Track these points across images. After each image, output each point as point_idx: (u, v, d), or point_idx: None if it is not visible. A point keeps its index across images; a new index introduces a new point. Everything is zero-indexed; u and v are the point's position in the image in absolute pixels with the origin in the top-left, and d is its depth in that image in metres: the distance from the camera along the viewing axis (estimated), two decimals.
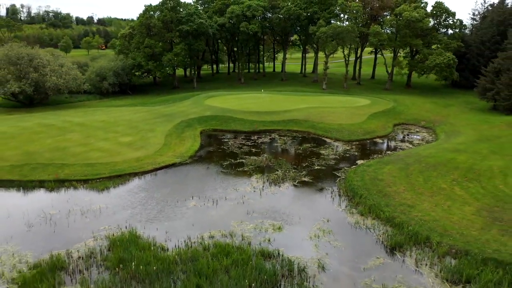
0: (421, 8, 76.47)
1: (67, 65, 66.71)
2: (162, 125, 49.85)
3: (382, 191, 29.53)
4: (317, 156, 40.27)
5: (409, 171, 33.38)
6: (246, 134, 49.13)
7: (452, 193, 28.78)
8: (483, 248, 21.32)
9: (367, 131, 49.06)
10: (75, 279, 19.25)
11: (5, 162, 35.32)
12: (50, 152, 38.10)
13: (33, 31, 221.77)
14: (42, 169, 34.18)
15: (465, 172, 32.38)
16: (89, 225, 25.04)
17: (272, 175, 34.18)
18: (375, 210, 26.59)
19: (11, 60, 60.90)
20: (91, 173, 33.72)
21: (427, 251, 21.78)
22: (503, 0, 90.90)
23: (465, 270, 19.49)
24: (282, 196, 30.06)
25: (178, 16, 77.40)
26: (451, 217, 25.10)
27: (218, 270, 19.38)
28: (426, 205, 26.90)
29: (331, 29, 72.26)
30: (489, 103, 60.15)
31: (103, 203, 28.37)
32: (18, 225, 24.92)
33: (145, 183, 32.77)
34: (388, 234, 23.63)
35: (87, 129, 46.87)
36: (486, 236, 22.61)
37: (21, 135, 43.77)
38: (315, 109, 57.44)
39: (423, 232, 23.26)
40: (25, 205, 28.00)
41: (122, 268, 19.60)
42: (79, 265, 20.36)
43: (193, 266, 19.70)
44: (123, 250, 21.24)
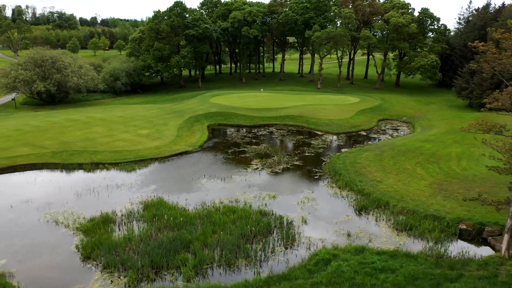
0: (408, 14, 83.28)
1: (85, 67, 73.76)
2: (173, 120, 56.77)
3: (358, 171, 36.45)
4: (308, 145, 47.23)
5: (382, 156, 40.31)
6: (248, 128, 56.08)
7: (413, 172, 35.71)
8: (427, 208, 28.22)
9: (354, 125, 55.99)
10: (122, 228, 26.19)
11: (46, 150, 42.31)
12: (82, 142, 45.08)
13: (40, 33, 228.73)
14: (78, 155, 41.19)
15: (428, 157, 39.30)
16: (125, 194, 32.02)
17: (269, 160, 41.15)
18: (350, 184, 33.54)
19: (37, 62, 67.91)
20: (119, 158, 40.71)
21: (385, 212, 28.69)
22: (487, 5, 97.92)
23: (410, 222, 26.43)
24: (277, 175, 37.01)
25: (185, 21, 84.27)
26: (408, 188, 32.03)
27: (227, 222, 26.29)
28: (391, 181, 33.83)
29: (325, 33, 79.13)
30: (464, 101, 66.99)
31: (132, 180, 35.36)
32: (69, 195, 31.89)
33: (165, 165, 39.75)
34: (358, 200, 30.58)
35: (109, 123, 53.79)
36: (431, 201, 29.52)
37: (53, 128, 50.71)
38: (309, 106, 64.35)
39: (384, 199, 30.18)
40: (71, 181, 35.02)
41: (156, 220, 26.55)
42: (123, 219, 27.31)
43: (208, 220, 26.62)
44: (155, 209, 28.19)
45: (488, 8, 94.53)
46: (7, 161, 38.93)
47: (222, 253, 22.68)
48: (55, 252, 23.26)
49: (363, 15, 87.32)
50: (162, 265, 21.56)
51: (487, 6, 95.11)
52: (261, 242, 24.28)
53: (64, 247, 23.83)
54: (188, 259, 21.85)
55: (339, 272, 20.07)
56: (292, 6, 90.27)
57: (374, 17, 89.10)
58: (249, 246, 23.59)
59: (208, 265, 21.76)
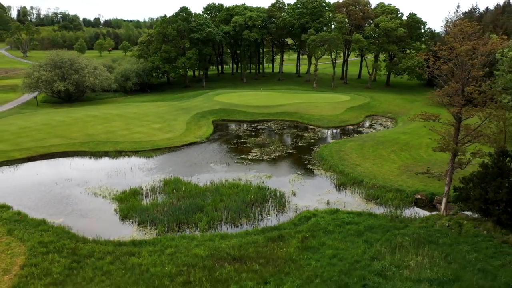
0: (397, 19, 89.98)
1: (100, 68, 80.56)
2: (182, 116, 63.56)
3: (341, 157, 43.20)
4: (301, 137, 54.03)
5: (364, 146, 47.09)
6: (248, 123, 62.87)
7: (388, 158, 42.50)
8: (393, 184, 34.98)
9: (343, 120, 62.76)
10: (148, 198, 32.98)
11: (75, 140, 49.13)
12: (104, 134, 51.90)
13: (47, 34, 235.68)
14: (103, 144, 48.01)
15: (402, 146, 46.09)
16: (147, 175, 38.82)
17: (267, 149, 47.94)
18: (333, 167, 40.30)
19: (56, 64, 74.71)
20: (138, 147, 47.52)
21: (359, 187, 35.45)
22: (472, 9, 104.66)
23: (377, 194, 33.22)
24: (273, 161, 43.80)
25: (190, 25, 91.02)
26: (381, 170, 38.81)
27: (232, 193, 33.03)
28: (368, 164, 40.61)
29: (319, 37, 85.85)
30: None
31: (152, 164, 42.19)
32: (101, 175, 38.70)
33: (177, 153, 46.57)
34: (338, 179, 37.35)
35: (125, 119, 60.59)
36: (398, 179, 36.29)
37: (77, 123, 57.51)
38: (304, 104, 71.14)
39: (360, 177, 36.94)
40: (100, 165, 41.87)
41: (175, 192, 33.34)
42: (148, 192, 34.11)
43: (216, 192, 33.40)
44: (173, 185, 34.97)
45: (473, 12, 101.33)
46: (44, 149, 45.79)
47: (228, 214, 29.49)
48: (100, 214, 30.11)
49: (355, 20, 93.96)
50: (183, 222, 28.39)
51: (472, 10, 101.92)
52: (259, 207, 31.09)
53: (105, 211, 30.69)
54: (203, 218, 28.64)
55: (316, 224, 26.89)
56: (289, 11, 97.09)
57: (366, 21, 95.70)
58: (249, 210, 30.39)
59: (218, 222, 28.57)
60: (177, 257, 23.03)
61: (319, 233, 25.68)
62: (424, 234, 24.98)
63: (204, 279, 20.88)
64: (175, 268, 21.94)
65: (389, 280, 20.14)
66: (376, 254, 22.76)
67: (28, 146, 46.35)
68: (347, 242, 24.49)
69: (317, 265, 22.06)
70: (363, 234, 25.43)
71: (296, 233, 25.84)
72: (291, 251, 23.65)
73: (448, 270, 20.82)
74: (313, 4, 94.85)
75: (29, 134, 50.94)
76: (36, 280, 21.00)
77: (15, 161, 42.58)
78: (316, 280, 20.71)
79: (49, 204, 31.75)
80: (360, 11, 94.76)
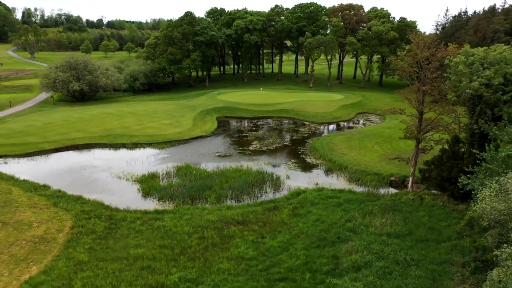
0: (388, 22, 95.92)
1: (111, 69, 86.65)
2: (188, 113, 69.57)
3: (331, 148, 49.18)
4: (296, 132, 60.06)
5: (351, 139, 53.09)
6: (249, 119, 68.89)
7: (371, 148, 48.50)
8: (373, 169, 40.95)
9: (335, 117, 68.76)
10: (165, 180, 38.98)
11: (94, 134, 55.16)
12: (120, 129, 57.93)
13: (53, 35, 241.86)
14: (120, 138, 54.05)
15: (385, 138, 52.07)
16: (161, 163, 44.84)
17: (266, 141, 53.96)
18: (323, 156, 46.29)
19: (72, 65, 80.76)
20: (151, 140, 53.55)
21: (344, 172, 41.42)
22: (460, 14, 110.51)
23: (359, 177, 39.20)
24: (271, 151, 49.81)
25: (195, 29, 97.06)
26: (364, 158, 44.81)
27: (235, 176, 39.01)
28: (353, 154, 46.60)
29: (315, 40, 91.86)
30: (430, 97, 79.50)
31: (164, 154, 48.22)
32: (122, 162, 44.72)
33: (186, 145, 52.60)
34: (327, 165, 43.36)
35: (137, 116, 66.59)
36: (377, 165, 42.27)
37: (94, 119, 63.52)
38: (300, 102, 77.15)
39: (345, 164, 42.90)
40: (120, 155, 47.93)
41: (187, 175, 39.36)
42: (164, 176, 40.11)
43: (222, 175, 39.38)
44: (185, 170, 41.00)
45: (461, 16, 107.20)
46: (69, 142, 51.87)
47: (232, 192, 35.51)
48: (125, 192, 36.16)
49: (349, 23, 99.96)
50: (195, 197, 34.43)
51: (460, 14, 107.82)
52: (258, 187, 37.10)
53: (130, 190, 36.74)
54: (211, 194, 34.67)
55: (305, 198, 32.91)
56: (288, 15, 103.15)
57: (360, 25, 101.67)
58: (250, 189, 36.39)
59: (224, 198, 34.60)
60: (193, 221, 29.07)
61: (306, 205, 31.70)
62: (391, 205, 31.02)
63: (215, 235, 26.91)
64: (192, 228, 27.98)
65: (357, 234, 26.16)
66: (350, 218, 28.79)
67: (55, 139, 52.42)
68: (329, 211, 30.52)
69: (303, 226, 28.09)
70: (342, 205, 31.46)
71: (288, 205, 31.88)
72: (284, 217, 29.69)
73: (405, 227, 26.85)
74: (310, 8, 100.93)
75: (53, 129, 56.98)
76: (84, 236, 27.08)
77: (45, 152, 48.68)
78: (302, 235, 26.74)
79: (82, 185, 37.79)
80: (354, 15, 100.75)
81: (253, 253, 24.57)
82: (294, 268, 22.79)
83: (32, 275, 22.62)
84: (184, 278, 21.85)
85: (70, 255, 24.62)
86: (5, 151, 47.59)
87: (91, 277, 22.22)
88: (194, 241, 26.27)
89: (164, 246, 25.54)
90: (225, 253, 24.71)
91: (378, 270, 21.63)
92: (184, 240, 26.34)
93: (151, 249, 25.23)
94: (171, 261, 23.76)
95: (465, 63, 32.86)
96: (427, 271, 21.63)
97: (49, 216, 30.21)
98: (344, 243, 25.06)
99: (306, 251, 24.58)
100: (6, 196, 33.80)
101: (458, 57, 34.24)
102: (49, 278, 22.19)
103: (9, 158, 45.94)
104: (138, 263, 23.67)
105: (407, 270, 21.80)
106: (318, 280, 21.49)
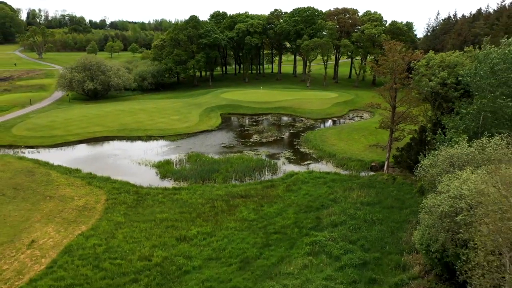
0: (380, 26, 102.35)
1: (121, 70, 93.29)
2: (195, 110, 76.11)
3: (322, 140, 55.69)
4: (293, 126, 66.62)
5: (341, 132, 59.63)
6: (250, 115, 75.42)
7: (358, 140, 55.03)
8: (357, 156, 47.46)
9: (329, 113, 75.29)
10: (178, 166, 45.53)
11: (112, 128, 61.71)
12: (134, 124, 64.49)
13: (59, 36, 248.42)
14: (135, 131, 60.63)
15: (371, 131, 58.54)
16: (173, 152, 51.38)
17: (265, 134, 60.52)
18: (315, 146, 52.81)
19: (86, 66, 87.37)
20: (163, 133, 60.10)
21: (332, 159, 47.93)
22: (448, 17, 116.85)
23: (344, 162, 45.73)
24: (270, 142, 56.36)
25: (199, 32, 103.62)
26: (351, 148, 51.34)
27: (238, 162, 45.57)
28: (342, 144, 53.13)
29: (311, 42, 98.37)
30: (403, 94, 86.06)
31: (176, 145, 54.80)
32: (139, 152, 51.27)
33: (195, 138, 59.14)
34: (318, 154, 49.90)
35: (148, 112, 73.13)
36: (362, 153, 48.79)
37: (109, 115, 70.09)
38: (297, 100, 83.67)
39: (334, 152, 49.42)
40: (137, 146, 54.52)
41: (197, 161, 45.91)
42: (177, 162, 46.66)
43: (227, 161, 45.93)
44: (195, 157, 47.56)
45: (449, 20, 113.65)
46: (90, 135, 58.46)
47: (236, 174, 42.03)
48: (146, 175, 42.71)
49: (344, 26, 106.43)
50: (205, 178, 40.99)
51: (449, 18, 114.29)
52: (258, 171, 43.62)
53: (149, 173, 43.31)
54: (219, 176, 41.22)
55: (297, 178, 39.46)
56: (286, 19, 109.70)
57: (354, 27, 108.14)
58: (251, 172, 42.91)
59: (230, 178, 41.14)
60: (204, 195, 35.65)
61: (298, 183, 38.25)
62: (367, 183, 37.57)
63: (223, 205, 33.48)
64: (204, 200, 34.56)
65: (337, 203, 32.70)
66: (333, 192, 35.35)
67: (77, 132, 59.03)
68: (316, 187, 37.08)
69: (294, 199, 34.65)
70: (328, 183, 38.00)
71: (283, 183, 38.44)
72: (279, 192, 36.27)
73: (376, 198, 33.39)
74: (307, 12, 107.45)
75: (74, 123, 63.57)
76: (118, 205, 33.68)
77: (70, 143, 55.29)
78: (293, 205, 33.31)
79: (107, 169, 44.30)
80: (349, 19, 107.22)
81: (254, 217, 31.14)
82: (286, 226, 29.36)
83: (83, 231, 29.21)
84: (201, 232, 28.45)
85: (109, 218, 31.21)
86: (37, 142, 54.24)
87: (128, 232, 28.82)
88: (206, 209, 32.85)
89: (183, 212, 32.14)
90: (232, 216, 31.29)
91: (350, 226, 28.18)
92: (198, 208, 32.91)
93: (173, 214, 31.82)
94: (189, 222, 30.36)
95: (426, 66, 39.29)
96: (388, 227, 28.17)
97: (86, 192, 36.82)
98: (326, 209, 31.64)
99: (296, 214, 31.15)
100: (47, 177, 40.40)
101: (421, 61, 40.69)
102: (96, 232, 28.80)
103: (41, 148, 52.55)
104: (164, 223, 30.26)
105: (373, 226, 28.34)
106: (303, 233, 28.04)
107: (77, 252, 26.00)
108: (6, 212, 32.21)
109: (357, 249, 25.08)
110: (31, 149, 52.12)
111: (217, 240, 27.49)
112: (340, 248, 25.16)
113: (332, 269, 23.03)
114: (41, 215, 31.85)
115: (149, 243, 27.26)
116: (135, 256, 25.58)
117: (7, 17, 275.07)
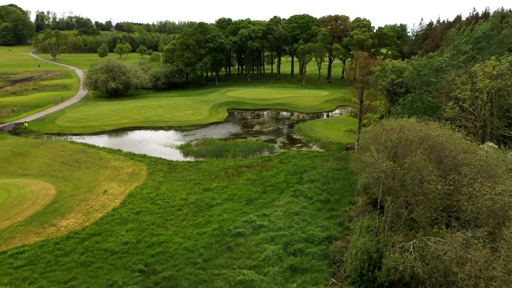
0: (368, 31, 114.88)
1: (139, 71, 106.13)
2: (204, 106, 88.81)
3: (311, 129, 68.31)
4: (288, 119, 79.38)
5: (328, 123, 72.30)
6: (252, 110, 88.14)
7: (340, 128, 67.63)
8: (337, 140, 60.03)
9: (319, 108, 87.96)
10: (196, 147, 58.21)
11: (137, 120, 74.49)
12: (155, 117, 77.24)
13: (70, 38, 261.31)
14: (157, 122, 73.41)
15: (352, 122, 70.82)
16: (191, 138, 64.10)
17: (265, 125, 73.26)
18: (305, 134, 65.46)
19: (108, 68, 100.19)
20: (181, 124, 72.86)
21: (317, 143, 60.58)
22: (430, 23, 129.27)
23: (326, 145, 58.42)
24: (269, 131, 69.09)
25: (206, 37, 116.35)
26: (333, 134, 64.00)
27: (243, 145, 58.23)
28: (326, 132, 65.79)
29: (306, 46, 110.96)
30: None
31: (192, 133, 67.56)
32: (163, 138, 64.01)
33: (207, 128, 71.90)
34: (306, 139, 62.60)
35: (165, 108, 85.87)
36: (341, 138, 61.38)
37: (132, 110, 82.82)
38: (293, 97, 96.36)
39: (319, 138, 62.08)
40: (160, 134, 67.32)
41: (211, 144, 58.64)
42: (195, 145, 59.36)
43: (235, 144, 58.62)
44: (209, 142, 60.28)
45: (431, 25, 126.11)
46: (120, 125, 71.27)
47: (242, 153, 54.74)
48: (172, 154, 55.41)
49: (335, 32, 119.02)
50: (218, 155, 53.71)
51: (431, 24, 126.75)
52: (259, 151, 56.33)
53: (175, 152, 56.06)
54: (228, 154, 53.91)
55: (288, 154, 52.19)
56: (284, 25, 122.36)
57: (345, 33, 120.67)
58: (254, 152, 55.61)
59: (237, 156, 53.83)
60: (219, 165, 48.37)
61: (289, 157, 50.94)
62: (340, 156, 50.24)
63: (233, 171, 46.19)
64: (219, 168, 47.29)
65: (315, 169, 45.37)
66: (314, 163, 48.03)
67: (110, 123, 71.84)
68: (302, 160, 49.77)
69: (285, 167, 47.33)
70: (311, 158, 50.68)
71: (277, 158, 51.16)
72: (274, 163, 48.97)
73: (344, 166, 45.99)
74: (303, 19, 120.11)
75: (105, 117, 76.37)
76: (157, 172, 46.44)
77: (106, 132, 68.09)
78: (284, 171, 46.03)
79: (142, 150, 56.96)
80: (340, 25, 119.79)
81: (256, 178, 43.86)
82: (278, 182, 42.08)
83: (136, 186, 41.94)
84: (219, 186, 41.20)
85: (153, 179, 43.95)
86: (79, 131, 67.10)
87: (168, 186, 41.56)
88: (221, 173, 45.56)
89: (205, 175, 44.89)
90: (240, 177, 44.01)
91: (322, 181, 40.87)
92: (216, 173, 45.63)
93: (198, 176, 44.56)
94: (210, 180, 43.10)
95: (381, 70, 51.90)
96: (348, 182, 40.84)
97: (131, 164, 49.57)
98: (307, 172, 44.37)
99: (285, 176, 43.88)
100: (98, 155, 53.20)
101: (378, 66, 53.37)
102: (146, 186, 41.55)
103: (84, 135, 65.37)
104: (192, 181, 42.98)
105: (338, 182, 41.03)
106: (290, 186, 40.75)
107: (138, 196, 38.76)
108: (78, 175, 45.09)
109: (325, 193, 37.83)
110: (77, 136, 64.94)
111: (231, 190, 40.24)
112: (314, 193, 37.89)
113: (307, 203, 35.79)
114: (103, 177, 44.63)
115: (184, 192, 39.98)
116: (176, 198, 38.32)
117: (19, 20, 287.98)
